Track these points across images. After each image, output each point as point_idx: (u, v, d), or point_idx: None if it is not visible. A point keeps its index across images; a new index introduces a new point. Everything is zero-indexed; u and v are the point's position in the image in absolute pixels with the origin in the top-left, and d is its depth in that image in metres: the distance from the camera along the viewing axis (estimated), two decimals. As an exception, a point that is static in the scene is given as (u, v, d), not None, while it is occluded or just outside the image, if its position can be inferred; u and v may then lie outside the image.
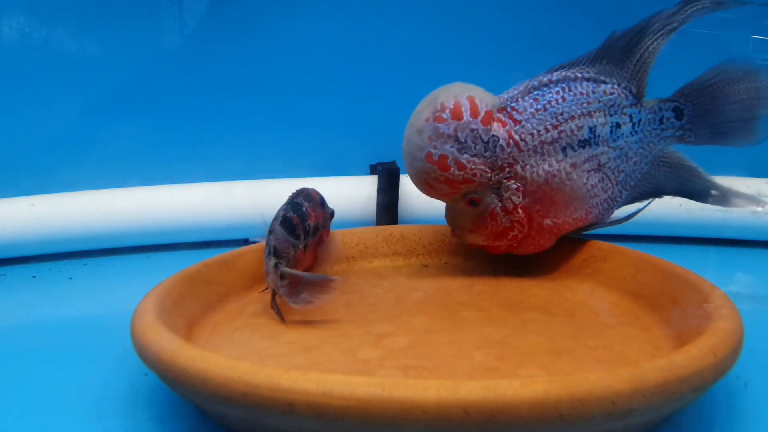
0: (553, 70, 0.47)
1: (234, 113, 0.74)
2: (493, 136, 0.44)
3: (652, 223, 0.66)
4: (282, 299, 0.41)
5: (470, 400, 0.24)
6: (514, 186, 0.45)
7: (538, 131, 0.45)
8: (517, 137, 0.45)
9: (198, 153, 0.74)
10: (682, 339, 0.34)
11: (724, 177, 0.49)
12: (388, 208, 0.68)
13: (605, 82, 0.47)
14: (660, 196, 0.50)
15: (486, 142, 0.44)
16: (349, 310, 0.43)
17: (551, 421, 0.24)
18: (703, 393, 0.29)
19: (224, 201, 0.67)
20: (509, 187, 0.45)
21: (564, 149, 0.46)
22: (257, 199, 0.67)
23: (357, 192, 0.69)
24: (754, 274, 0.61)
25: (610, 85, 0.47)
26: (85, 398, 0.35)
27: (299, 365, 0.34)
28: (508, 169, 0.45)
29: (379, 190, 0.69)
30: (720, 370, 0.28)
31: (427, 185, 0.45)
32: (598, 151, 0.47)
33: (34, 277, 0.60)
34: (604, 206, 0.48)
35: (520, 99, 0.45)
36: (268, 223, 0.44)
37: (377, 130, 0.71)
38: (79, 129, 0.71)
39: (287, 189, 0.49)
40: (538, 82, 0.46)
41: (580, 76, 0.47)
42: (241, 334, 0.39)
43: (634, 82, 0.47)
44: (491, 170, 0.45)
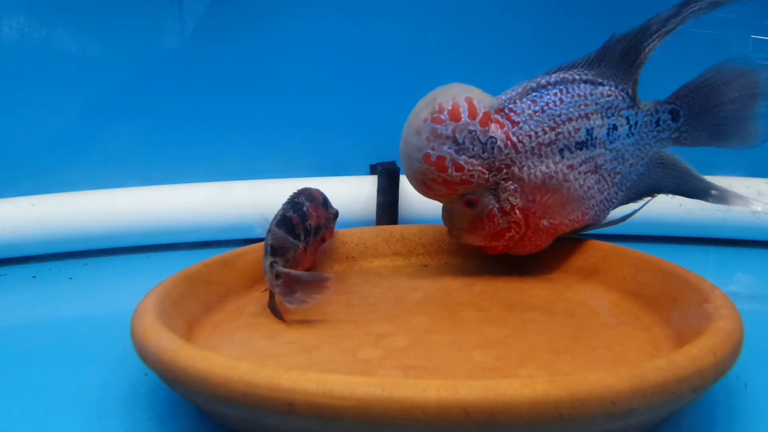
0: (551, 72, 0.47)
1: (234, 113, 0.74)
2: (491, 137, 0.44)
3: (652, 223, 0.66)
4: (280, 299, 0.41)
5: (470, 400, 0.24)
6: (512, 187, 0.45)
7: (536, 133, 0.45)
8: (514, 139, 0.45)
9: (198, 153, 0.74)
10: (682, 339, 0.34)
11: (724, 177, 0.49)
12: (388, 208, 0.68)
13: (603, 84, 0.47)
14: (653, 195, 0.50)
15: (484, 144, 0.44)
16: (349, 310, 0.43)
17: (551, 421, 0.24)
18: (703, 393, 0.29)
19: (224, 201, 0.67)
20: (507, 188, 0.45)
21: (561, 151, 0.46)
22: (257, 199, 0.67)
23: (357, 192, 0.69)
24: (754, 274, 0.61)
25: (607, 87, 0.47)
26: (85, 398, 0.35)
27: (299, 365, 0.34)
28: (505, 171, 0.45)
29: (379, 190, 0.69)
30: (720, 370, 0.28)
31: (425, 186, 0.45)
32: (595, 152, 0.47)
33: (34, 277, 0.60)
34: (601, 207, 0.48)
35: (518, 100, 0.45)
36: (270, 222, 0.44)
37: (377, 130, 0.71)
38: (79, 129, 0.71)
39: (287, 189, 0.49)
40: (536, 83, 0.46)
41: (578, 78, 0.47)
42: (241, 334, 0.39)
43: (631, 84, 0.48)
44: (489, 171, 0.45)
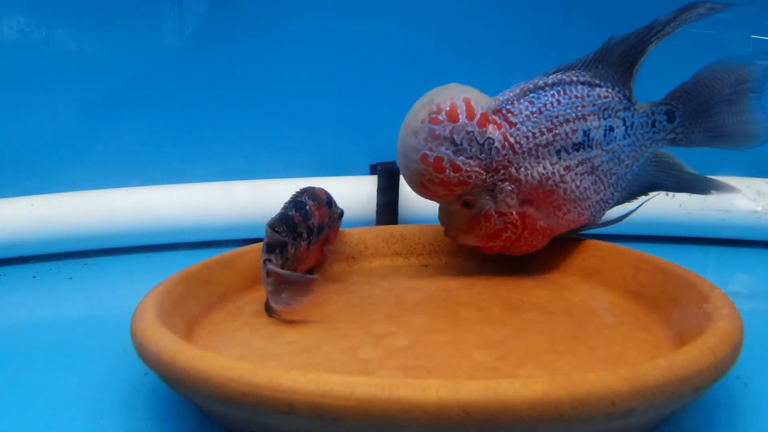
0: (549, 74, 0.47)
1: (234, 113, 0.74)
2: (489, 138, 0.44)
3: (652, 223, 0.66)
4: None
5: (470, 400, 0.24)
6: (509, 188, 0.45)
7: (533, 134, 0.45)
8: (512, 140, 0.45)
9: (198, 153, 0.74)
10: (682, 339, 0.34)
11: (724, 177, 0.49)
12: (388, 208, 0.68)
13: (600, 86, 0.47)
14: (648, 194, 0.50)
15: (481, 145, 0.44)
16: (349, 310, 0.43)
17: (551, 421, 0.24)
18: (703, 393, 0.29)
19: (224, 201, 0.67)
20: (504, 189, 0.45)
21: (558, 152, 0.46)
22: (257, 199, 0.67)
23: (357, 192, 0.69)
24: (754, 274, 0.61)
25: (604, 89, 0.47)
26: (85, 398, 0.35)
27: (299, 365, 0.34)
28: (502, 172, 0.45)
29: (379, 190, 0.69)
30: (720, 370, 0.28)
31: (422, 187, 0.45)
32: (592, 154, 0.47)
33: (34, 277, 0.60)
34: (597, 208, 0.49)
35: (516, 101, 0.45)
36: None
37: (377, 130, 0.71)
38: (79, 129, 0.71)
39: (287, 189, 0.49)
40: (534, 84, 0.46)
41: (575, 79, 0.47)
42: (241, 334, 0.39)
43: (628, 86, 0.48)
44: (486, 172, 0.45)
